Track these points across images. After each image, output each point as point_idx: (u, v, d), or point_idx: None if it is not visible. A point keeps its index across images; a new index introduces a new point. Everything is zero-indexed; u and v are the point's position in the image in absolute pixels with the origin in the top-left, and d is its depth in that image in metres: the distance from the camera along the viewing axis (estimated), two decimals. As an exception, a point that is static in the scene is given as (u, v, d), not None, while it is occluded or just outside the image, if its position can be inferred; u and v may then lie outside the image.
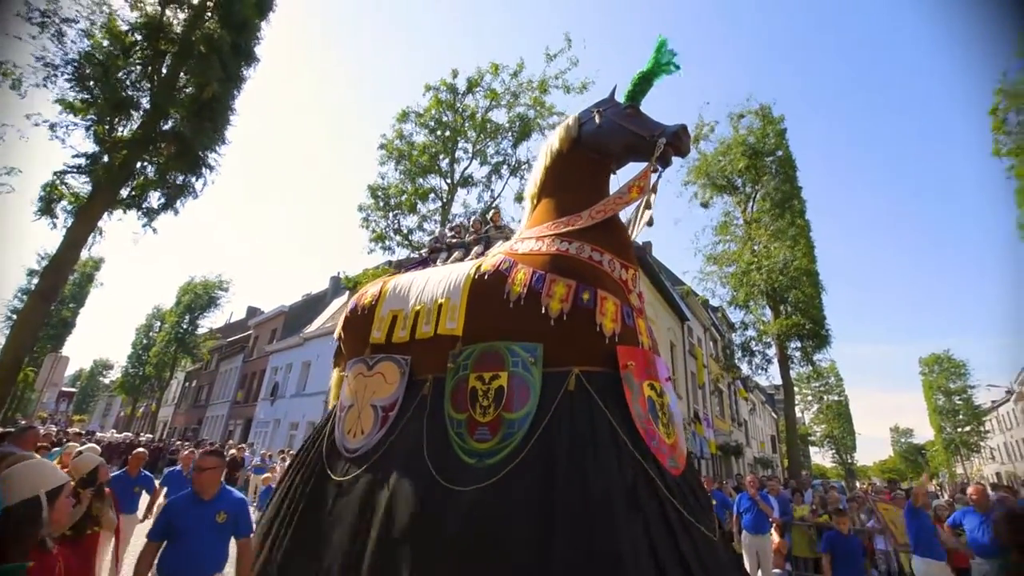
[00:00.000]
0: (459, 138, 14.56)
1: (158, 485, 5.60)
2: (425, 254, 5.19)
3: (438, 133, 14.60)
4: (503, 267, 3.30)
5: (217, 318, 34.33)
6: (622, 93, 3.72)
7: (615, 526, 2.38)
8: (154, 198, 11.06)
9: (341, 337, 4.39)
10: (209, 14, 10.99)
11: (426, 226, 14.06)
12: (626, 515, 2.44)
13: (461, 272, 3.51)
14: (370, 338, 3.85)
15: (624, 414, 2.80)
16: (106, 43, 10.11)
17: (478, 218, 5.63)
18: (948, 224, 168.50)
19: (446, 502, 2.69)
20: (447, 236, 5.18)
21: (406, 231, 14.06)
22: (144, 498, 5.21)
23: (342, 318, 4.38)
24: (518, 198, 14.34)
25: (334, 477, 3.32)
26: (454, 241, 4.95)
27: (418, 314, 3.57)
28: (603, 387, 2.88)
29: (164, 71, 10.68)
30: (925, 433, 50.25)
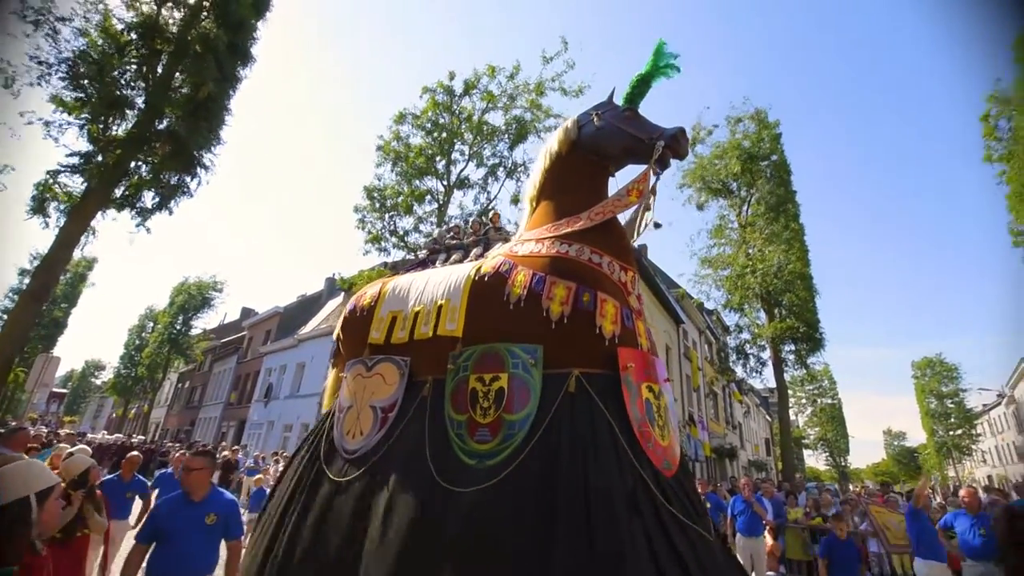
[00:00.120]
0: (455, 140, 14.58)
1: (149, 487, 5.53)
2: (424, 255, 5.17)
3: (435, 135, 14.61)
4: (503, 269, 3.30)
5: (211, 319, 34.27)
6: (621, 96, 3.74)
7: (616, 527, 2.39)
8: (148, 198, 11.03)
9: (339, 338, 4.37)
10: (205, 14, 10.97)
11: (422, 228, 14.07)
12: (627, 516, 2.44)
13: (461, 273, 3.51)
14: (369, 339, 3.83)
15: (623, 416, 2.81)
16: (101, 42, 10.06)
17: (477, 219, 5.61)
18: (948, 224, 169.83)
19: (446, 503, 2.69)
20: (446, 237, 5.17)
21: (402, 233, 14.06)
22: (137, 504, 5.10)
23: (341, 319, 4.36)
24: (514, 200, 14.37)
25: (333, 477, 3.30)
26: (453, 243, 4.93)
27: (417, 315, 3.56)
28: (603, 389, 2.88)
29: (159, 70, 10.65)
30: (918, 436, 50.75)
